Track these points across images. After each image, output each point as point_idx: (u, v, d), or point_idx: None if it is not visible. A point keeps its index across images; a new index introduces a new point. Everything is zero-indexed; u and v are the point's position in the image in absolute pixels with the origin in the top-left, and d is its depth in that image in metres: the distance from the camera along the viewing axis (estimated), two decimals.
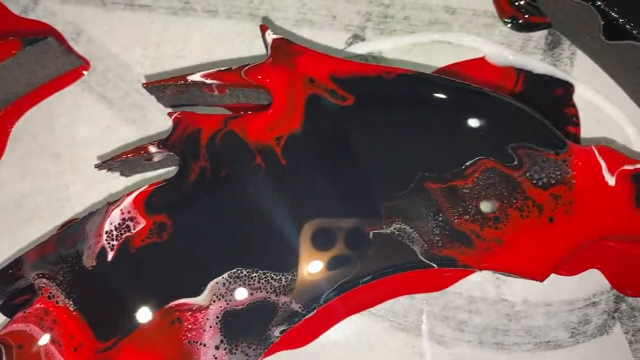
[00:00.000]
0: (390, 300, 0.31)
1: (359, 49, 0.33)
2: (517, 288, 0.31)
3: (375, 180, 0.27)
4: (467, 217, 0.27)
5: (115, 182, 0.32)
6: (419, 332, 0.31)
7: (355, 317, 0.31)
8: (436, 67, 0.33)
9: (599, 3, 0.30)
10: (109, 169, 0.30)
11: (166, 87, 0.29)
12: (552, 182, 0.27)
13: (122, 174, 0.31)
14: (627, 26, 0.29)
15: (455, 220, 0.27)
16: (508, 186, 0.27)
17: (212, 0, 0.34)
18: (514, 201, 0.27)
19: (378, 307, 0.31)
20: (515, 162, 0.27)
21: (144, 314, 0.26)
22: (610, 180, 0.28)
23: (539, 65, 0.33)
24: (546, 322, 0.31)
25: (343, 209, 0.27)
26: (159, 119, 0.32)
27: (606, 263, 0.31)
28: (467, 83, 0.28)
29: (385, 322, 0.31)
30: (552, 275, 0.31)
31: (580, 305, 0.31)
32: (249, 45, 0.33)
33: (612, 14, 0.29)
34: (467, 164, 0.27)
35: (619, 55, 0.31)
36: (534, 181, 0.27)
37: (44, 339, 0.26)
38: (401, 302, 0.31)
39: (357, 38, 0.33)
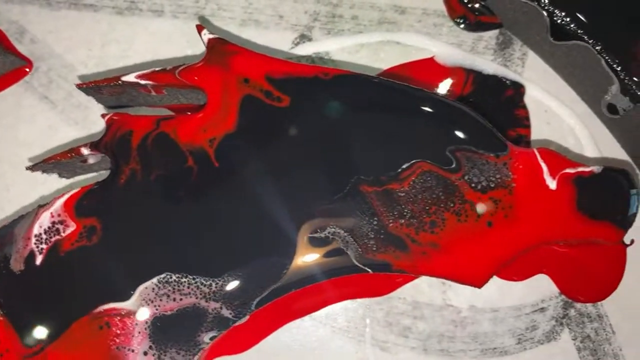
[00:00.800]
0: (333, 305, 0.30)
1: (306, 49, 0.32)
2: (464, 294, 0.31)
3: (310, 183, 0.27)
4: (403, 220, 0.26)
5: (57, 183, 0.31)
6: (362, 337, 0.30)
7: (296, 323, 0.30)
8: (384, 68, 0.32)
9: (544, 3, 0.29)
10: (44, 171, 0.29)
11: (102, 88, 0.29)
12: (492, 185, 0.27)
13: (60, 176, 0.31)
14: (572, 26, 0.28)
15: (391, 224, 0.26)
16: (445, 190, 0.27)
17: None
18: (452, 205, 0.27)
19: (320, 312, 0.30)
20: (454, 165, 0.27)
21: (71, 319, 0.26)
22: (552, 184, 0.27)
23: (489, 65, 0.32)
24: (493, 328, 0.30)
25: (276, 212, 0.26)
26: (102, 120, 0.32)
27: (553, 268, 0.31)
28: (406, 84, 0.27)
29: (327, 328, 0.30)
30: (500, 281, 0.30)
31: (528, 311, 0.31)
32: (195, 45, 0.32)
33: (557, 13, 0.28)
34: (404, 167, 0.27)
35: (568, 56, 0.30)
36: (473, 184, 0.27)
37: None
38: (344, 308, 0.30)
39: (304, 38, 0.33)
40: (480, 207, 0.26)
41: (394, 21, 0.33)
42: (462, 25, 0.33)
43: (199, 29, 0.28)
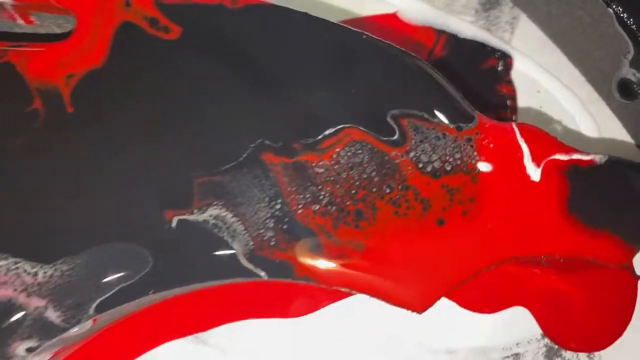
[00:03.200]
0: (227, 324, 0.23)
1: None
2: (411, 324, 0.23)
3: (192, 144, 0.19)
4: (317, 207, 0.19)
5: None
6: None
7: (182, 344, 0.23)
8: (335, 19, 0.25)
9: None
10: None
11: None
12: (448, 168, 0.19)
13: None
14: None
15: (299, 211, 0.19)
16: (381, 168, 0.19)
17: None
18: (388, 190, 0.19)
19: (213, 332, 0.23)
20: (396, 136, 0.19)
21: None
22: (534, 173, 0.19)
23: (466, 28, 0.25)
24: None
25: (139, 180, 0.19)
26: None
27: (535, 300, 0.23)
28: (338, 23, 0.21)
29: (221, 356, 0.23)
30: (461, 311, 0.23)
31: (497, 357, 0.23)
32: None
33: None
34: (327, 132, 0.19)
35: (570, 18, 0.23)
36: (420, 165, 0.19)
37: None
38: (243, 328, 0.23)
39: None
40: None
41: None
42: None
43: None
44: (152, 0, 0.20)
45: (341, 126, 0.19)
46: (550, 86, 0.25)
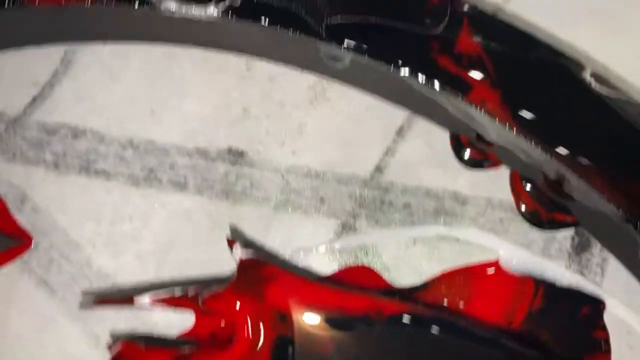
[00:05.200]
0: None
1: (349, 241, 0.28)
2: None
3: None
4: None
5: None
6: None
7: None
8: (440, 269, 0.27)
9: None
10: None
11: (109, 304, 0.25)
12: None
13: None
14: None
15: None
16: None
17: (181, 170, 0.29)
18: None
19: None
20: None
21: None
22: None
23: (563, 274, 0.28)
24: None
25: None
26: (107, 317, 0.27)
27: None
28: (474, 322, 0.23)
29: None
30: None
31: None
32: (220, 227, 0.28)
33: None
34: None
35: None
36: None
37: None
38: None
39: (347, 227, 0.28)
40: None
41: (452, 213, 0.28)
42: (531, 222, 0.28)
43: (230, 243, 0.24)
44: (304, 313, 0.23)
45: None
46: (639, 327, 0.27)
